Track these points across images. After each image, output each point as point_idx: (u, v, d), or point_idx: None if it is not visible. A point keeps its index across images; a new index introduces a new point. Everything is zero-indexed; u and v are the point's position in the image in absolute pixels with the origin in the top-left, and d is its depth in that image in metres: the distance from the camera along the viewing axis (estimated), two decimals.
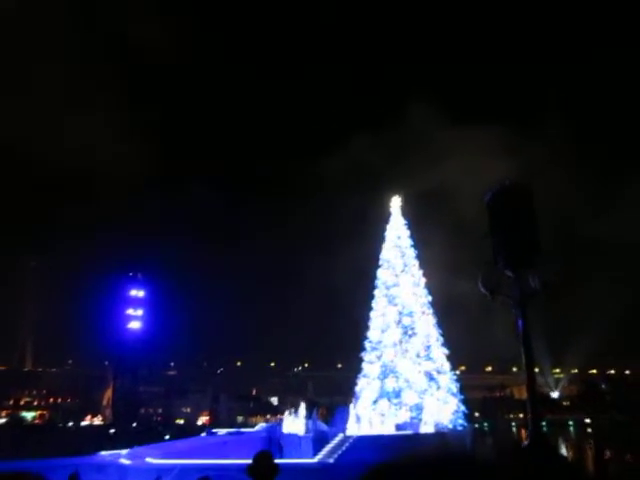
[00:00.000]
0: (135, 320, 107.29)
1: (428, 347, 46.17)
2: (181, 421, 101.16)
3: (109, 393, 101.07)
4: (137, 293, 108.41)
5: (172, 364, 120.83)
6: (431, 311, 47.64)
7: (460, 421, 44.26)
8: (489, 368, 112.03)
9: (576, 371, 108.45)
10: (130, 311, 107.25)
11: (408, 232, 50.03)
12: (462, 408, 45.32)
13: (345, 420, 45.58)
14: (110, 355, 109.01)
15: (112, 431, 64.06)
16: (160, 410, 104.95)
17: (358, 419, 44.87)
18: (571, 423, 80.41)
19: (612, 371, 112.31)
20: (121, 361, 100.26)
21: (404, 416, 43.97)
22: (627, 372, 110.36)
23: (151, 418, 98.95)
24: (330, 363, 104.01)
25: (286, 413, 44.91)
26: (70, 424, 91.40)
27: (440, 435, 40.65)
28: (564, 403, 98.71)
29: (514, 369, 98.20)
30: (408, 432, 40.97)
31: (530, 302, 7.10)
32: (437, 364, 46.21)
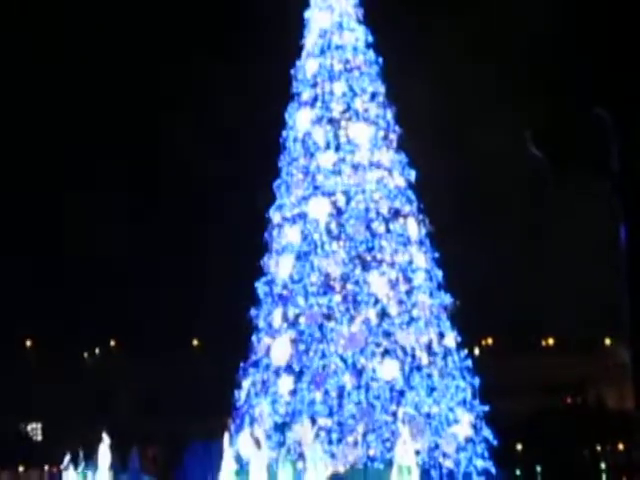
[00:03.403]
0: None
1: (409, 292, 21.25)
2: None
3: None
4: None
5: None
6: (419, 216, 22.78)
7: (480, 463, 18.72)
8: (549, 341, 52.04)
9: None
10: None
11: (368, 37, 23.98)
12: (485, 433, 19.86)
13: (210, 469, 20.84)
14: None
15: None
16: None
17: (242, 463, 20.01)
18: None
19: None
20: None
21: (352, 455, 19.24)
22: None
23: None
24: (180, 337, 50.83)
25: (65, 460, 22.50)
26: None
27: None
28: None
29: (607, 342, 48.94)
30: None
31: None
32: (430, 333, 21.28)
